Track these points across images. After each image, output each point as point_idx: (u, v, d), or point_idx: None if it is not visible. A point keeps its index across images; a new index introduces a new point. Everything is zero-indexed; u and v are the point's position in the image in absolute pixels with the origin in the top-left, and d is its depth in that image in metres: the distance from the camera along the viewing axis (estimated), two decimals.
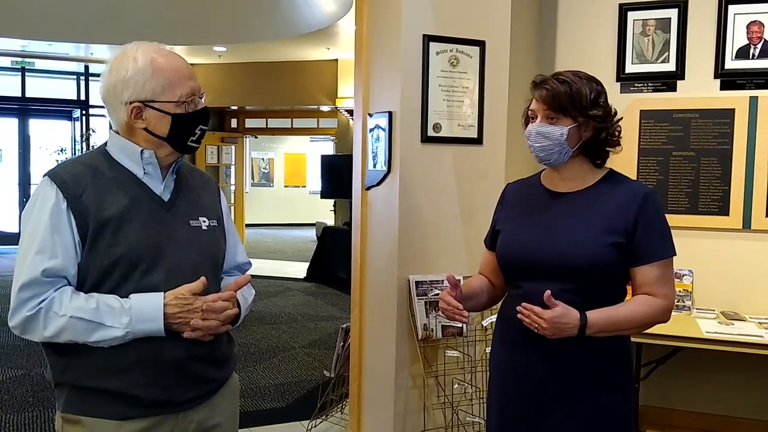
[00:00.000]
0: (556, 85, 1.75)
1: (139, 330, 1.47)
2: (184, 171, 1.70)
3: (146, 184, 1.58)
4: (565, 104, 1.74)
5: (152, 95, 1.53)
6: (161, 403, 1.54)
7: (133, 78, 1.51)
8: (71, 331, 1.44)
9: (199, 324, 1.51)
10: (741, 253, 3.36)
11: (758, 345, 2.89)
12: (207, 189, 1.77)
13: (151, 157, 1.57)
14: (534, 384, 1.79)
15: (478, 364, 3.06)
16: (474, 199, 3.07)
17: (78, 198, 1.48)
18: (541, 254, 1.76)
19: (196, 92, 1.58)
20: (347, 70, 9.09)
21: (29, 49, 9.68)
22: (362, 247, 3.27)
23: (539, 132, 1.76)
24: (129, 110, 1.53)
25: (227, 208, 1.84)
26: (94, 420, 1.50)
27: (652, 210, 1.74)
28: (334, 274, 8.33)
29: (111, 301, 1.47)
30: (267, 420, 3.96)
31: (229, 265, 1.81)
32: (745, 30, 3.35)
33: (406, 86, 2.94)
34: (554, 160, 1.78)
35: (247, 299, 1.75)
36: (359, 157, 3.29)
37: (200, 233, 1.64)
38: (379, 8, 3.13)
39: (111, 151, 1.60)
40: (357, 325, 3.33)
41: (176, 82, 1.54)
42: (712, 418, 3.51)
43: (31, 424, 3.85)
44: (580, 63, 3.56)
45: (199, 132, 1.60)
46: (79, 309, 1.44)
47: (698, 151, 3.42)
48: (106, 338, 1.46)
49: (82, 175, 1.51)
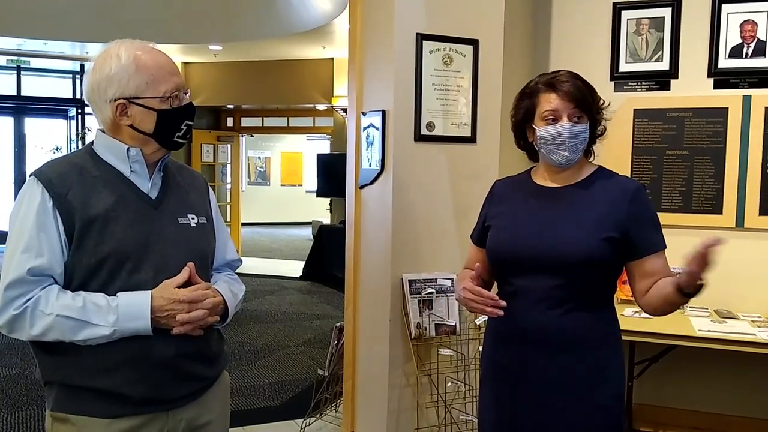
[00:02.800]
0: (576, 83, 1.74)
1: (127, 328, 1.46)
2: (171, 168, 1.70)
3: (133, 182, 1.58)
4: (589, 101, 1.75)
5: (136, 92, 1.52)
6: (151, 401, 1.54)
7: (116, 75, 1.51)
8: (58, 330, 1.44)
9: (185, 317, 1.50)
10: (734, 252, 3.36)
11: (751, 343, 2.90)
12: (195, 186, 1.76)
13: (138, 155, 1.57)
14: (526, 382, 1.78)
15: (472, 362, 3.06)
16: (467, 198, 3.07)
17: (64, 197, 1.47)
18: (534, 250, 1.75)
19: (180, 88, 1.58)
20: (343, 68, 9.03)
21: (24, 47, 9.65)
22: (356, 245, 3.27)
23: (573, 132, 1.73)
24: (114, 107, 1.52)
25: (216, 206, 1.84)
26: (83, 418, 1.50)
27: (645, 203, 1.76)
28: (330, 273, 8.32)
29: (98, 299, 1.46)
30: (261, 418, 3.96)
31: (219, 263, 1.80)
32: (739, 29, 3.36)
33: (400, 85, 2.95)
34: (576, 159, 1.77)
35: (237, 295, 1.74)
36: (353, 156, 3.29)
37: (189, 230, 1.64)
38: (373, 7, 3.13)
39: (97, 150, 1.59)
40: (351, 324, 3.33)
41: (160, 78, 1.54)
42: (705, 415, 3.52)
43: (24, 423, 3.84)
44: (574, 62, 3.57)
45: (185, 128, 1.60)
46: (66, 307, 1.44)
47: (692, 150, 3.43)
48: (93, 336, 1.45)
49: (68, 173, 1.51)
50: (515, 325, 1.77)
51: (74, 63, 11.13)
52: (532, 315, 1.75)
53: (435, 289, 2.98)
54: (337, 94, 9.34)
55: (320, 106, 10.23)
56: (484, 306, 1.70)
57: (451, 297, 3.00)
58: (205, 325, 1.56)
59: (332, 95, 9.46)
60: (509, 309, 1.71)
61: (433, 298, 2.97)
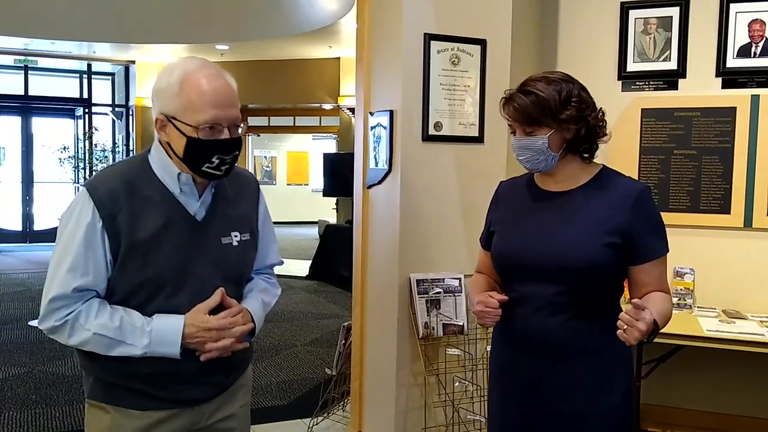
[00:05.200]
0: (522, 100, 1.73)
1: (157, 351, 1.53)
2: (224, 179, 1.66)
3: (181, 203, 1.59)
4: (535, 116, 1.72)
5: (174, 113, 1.53)
6: (182, 400, 1.63)
7: (163, 91, 1.53)
8: (93, 344, 1.52)
9: (213, 345, 1.56)
10: (742, 252, 3.36)
11: (759, 343, 2.89)
12: (246, 195, 1.76)
13: (188, 180, 1.59)
14: (535, 385, 1.78)
15: (479, 362, 3.07)
16: (475, 198, 3.07)
17: (114, 218, 1.51)
18: (536, 257, 1.74)
19: (221, 122, 1.52)
20: (349, 68, 9.09)
21: (32, 47, 9.71)
22: (363, 245, 3.28)
23: (520, 145, 1.76)
24: (155, 120, 1.57)
25: (266, 210, 1.85)
26: (116, 408, 1.60)
27: (648, 207, 1.73)
28: (337, 272, 8.33)
29: (135, 319, 1.53)
30: (269, 417, 3.97)
31: (259, 266, 1.85)
32: (747, 28, 3.35)
33: (407, 85, 2.95)
34: (543, 167, 1.77)
35: (269, 304, 1.82)
36: (360, 156, 3.30)
37: (229, 251, 1.66)
38: (381, 7, 3.14)
39: (152, 163, 1.60)
40: (358, 323, 3.34)
41: (198, 106, 1.50)
42: (713, 416, 3.51)
43: (33, 422, 3.86)
44: (582, 61, 3.57)
45: (217, 161, 1.55)
46: (103, 327, 1.50)
47: (699, 150, 3.42)
48: (126, 354, 1.53)
49: (119, 192, 1.52)
50: (520, 332, 1.78)
51: (81, 63, 11.19)
52: (536, 322, 1.74)
53: (443, 289, 2.98)
54: (343, 94, 9.36)
55: (326, 105, 10.25)
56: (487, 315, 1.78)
57: (458, 297, 3.00)
58: (233, 350, 1.61)
59: (338, 95, 9.48)
60: (514, 315, 1.76)
61: (441, 298, 2.98)
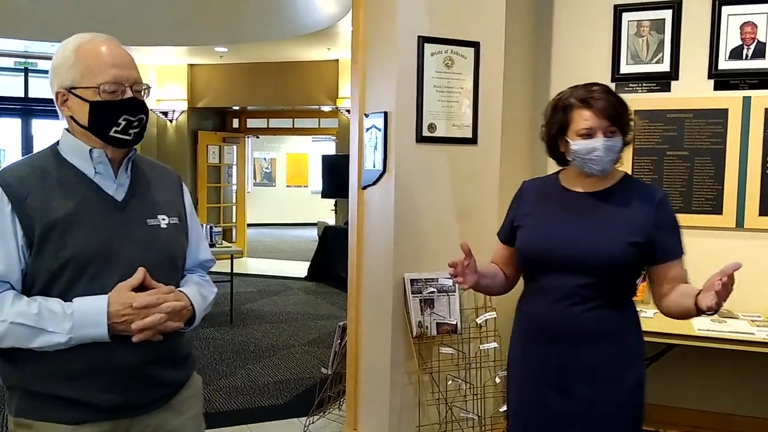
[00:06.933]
0: (609, 99, 1.82)
1: (83, 335, 1.42)
2: (141, 166, 1.64)
3: (98, 183, 1.52)
4: (623, 116, 1.84)
5: (72, 82, 1.48)
6: (119, 407, 1.50)
7: (60, 66, 1.49)
8: (13, 337, 1.41)
9: (140, 323, 1.44)
10: (734, 252, 3.38)
11: (750, 342, 2.92)
12: (167, 184, 1.70)
13: (101, 156, 1.52)
14: (554, 375, 1.87)
15: (472, 361, 3.10)
16: (468, 199, 3.10)
17: (23, 201, 1.43)
18: (565, 252, 1.84)
19: (122, 81, 1.49)
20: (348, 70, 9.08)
21: (32, 49, 9.73)
22: (358, 245, 3.31)
23: (608, 147, 1.82)
24: (56, 97, 1.52)
25: (191, 204, 1.77)
26: (47, 425, 1.46)
27: (670, 212, 1.88)
28: (335, 273, 8.36)
29: (54, 305, 1.42)
30: (266, 417, 4.00)
31: (191, 263, 1.75)
32: (739, 31, 3.38)
33: (402, 87, 2.98)
34: (609, 169, 1.86)
35: (207, 297, 1.69)
36: (356, 157, 3.33)
37: (159, 232, 1.58)
38: (375, 10, 3.17)
39: (62, 150, 1.55)
40: (353, 323, 3.36)
41: (96, 68, 1.47)
42: (705, 415, 3.53)
43: None
44: (575, 64, 3.60)
45: (124, 122, 1.49)
46: (20, 314, 1.40)
47: (692, 151, 3.45)
48: (49, 344, 1.41)
49: (28, 177, 1.47)
50: (542, 321, 1.88)
51: None
52: (559, 310, 1.84)
53: (436, 289, 3.01)
54: (342, 96, 9.38)
55: (325, 107, 10.27)
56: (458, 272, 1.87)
57: (452, 296, 3.03)
58: (165, 330, 1.50)
59: (337, 96, 9.50)
60: (537, 304, 1.88)
61: (435, 298, 3.01)
